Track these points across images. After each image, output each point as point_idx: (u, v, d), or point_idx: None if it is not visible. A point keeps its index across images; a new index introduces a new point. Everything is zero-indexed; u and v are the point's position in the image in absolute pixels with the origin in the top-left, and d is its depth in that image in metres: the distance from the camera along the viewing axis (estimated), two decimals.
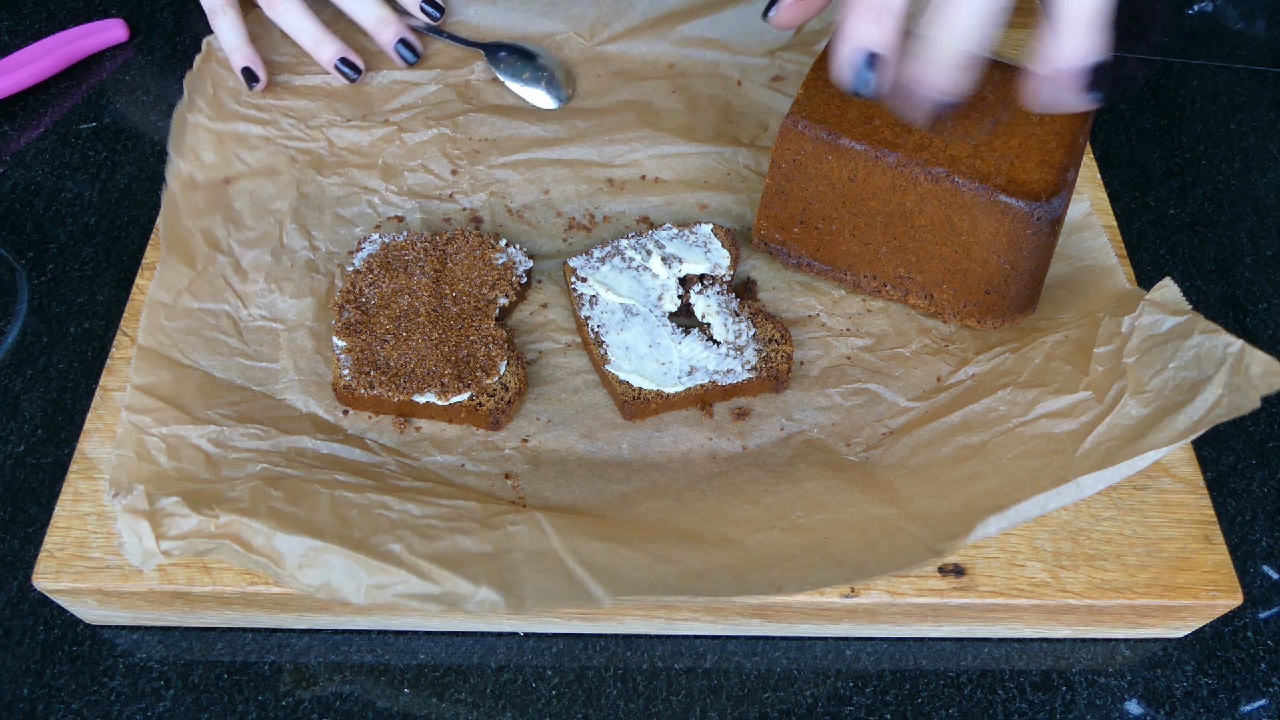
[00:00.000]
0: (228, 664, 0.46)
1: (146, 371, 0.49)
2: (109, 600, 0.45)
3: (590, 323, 0.51)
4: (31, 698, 0.45)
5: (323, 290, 0.54)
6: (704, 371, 0.50)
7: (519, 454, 0.49)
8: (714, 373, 0.49)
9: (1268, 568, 0.51)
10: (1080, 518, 0.47)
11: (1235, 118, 0.70)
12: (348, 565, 0.42)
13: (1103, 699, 0.46)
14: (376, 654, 0.47)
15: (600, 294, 0.52)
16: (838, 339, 0.54)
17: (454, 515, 0.45)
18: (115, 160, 0.64)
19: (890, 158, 0.49)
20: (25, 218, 0.61)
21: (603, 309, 0.52)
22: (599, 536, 0.44)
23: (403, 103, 0.64)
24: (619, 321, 0.51)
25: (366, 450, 0.49)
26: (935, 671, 0.47)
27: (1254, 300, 0.60)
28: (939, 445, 0.48)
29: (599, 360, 0.50)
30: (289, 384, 0.51)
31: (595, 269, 0.53)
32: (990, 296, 0.52)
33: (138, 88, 0.68)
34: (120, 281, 0.58)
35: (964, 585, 0.45)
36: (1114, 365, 0.47)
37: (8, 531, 0.49)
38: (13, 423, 0.53)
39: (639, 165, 0.61)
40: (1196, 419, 0.44)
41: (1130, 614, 0.46)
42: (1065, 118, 0.50)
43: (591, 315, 0.51)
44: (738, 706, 0.46)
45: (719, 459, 0.49)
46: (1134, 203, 0.65)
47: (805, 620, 0.46)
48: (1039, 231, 0.48)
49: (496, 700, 0.46)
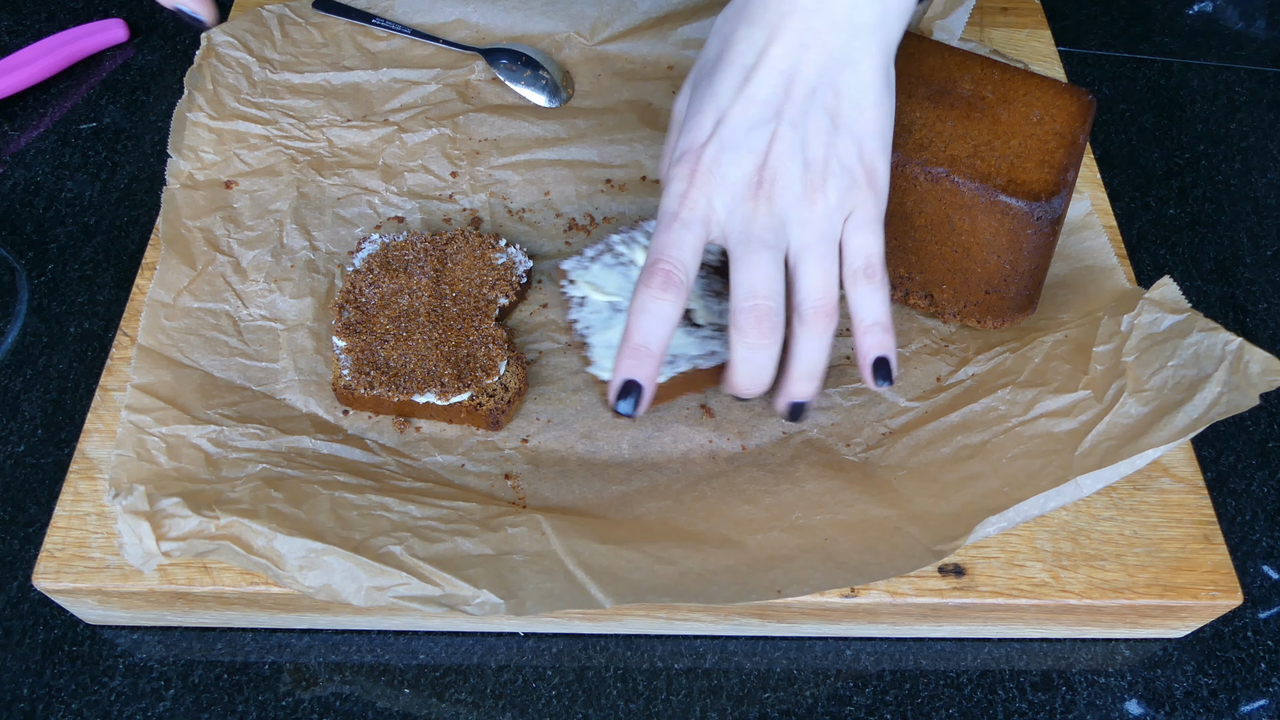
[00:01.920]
0: (228, 664, 0.46)
1: (146, 371, 0.49)
2: (109, 600, 0.45)
3: (577, 325, 0.51)
4: (31, 698, 0.45)
5: (323, 290, 0.54)
6: (685, 359, 0.49)
7: (519, 454, 0.49)
8: (695, 358, 0.49)
9: (1268, 568, 0.51)
10: (1080, 518, 0.47)
11: (1235, 118, 0.70)
12: (348, 567, 0.42)
13: (1103, 699, 0.46)
14: (376, 654, 0.47)
15: (589, 295, 0.52)
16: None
17: (454, 517, 0.45)
18: (115, 160, 0.64)
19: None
20: (25, 218, 0.61)
21: (590, 310, 0.51)
22: (599, 538, 0.44)
23: (402, 102, 0.64)
24: (605, 320, 0.51)
25: (366, 450, 0.49)
26: (935, 671, 0.47)
27: (1254, 300, 0.60)
28: (939, 445, 0.48)
29: (584, 363, 0.50)
30: (289, 384, 0.51)
31: (585, 269, 0.53)
32: (990, 296, 0.52)
33: (138, 88, 0.68)
34: (120, 281, 0.58)
35: (964, 585, 0.45)
36: (1113, 364, 0.47)
37: (8, 531, 0.49)
38: (13, 423, 0.53)
39: (639, 165, 0.61)
40: (1196, 417, 0.44)
41: (1130, 614, 0.46)
42: (1065, 117, 0.50)
43: (579, 318, 0.51)
44: (738, 706, 0.46)
45: (719, 459, 0.49)
46: (1134, 203, 0.65)
47: (805, 620, 0.46)
48: (1039, 231, 0.48)
49: (496, 700, 0.46)
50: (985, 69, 0.52)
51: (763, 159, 0.43)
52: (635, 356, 0.44)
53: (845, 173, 0.44)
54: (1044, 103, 0.50)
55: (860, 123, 0.44)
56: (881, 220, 0.46)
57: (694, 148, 0.44)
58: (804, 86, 0.44)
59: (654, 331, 0.44)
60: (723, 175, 0.44)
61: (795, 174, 0.43)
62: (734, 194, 0.44)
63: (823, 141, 0.44)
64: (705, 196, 0.44)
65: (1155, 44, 0.75)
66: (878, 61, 0.45)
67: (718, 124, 0.44)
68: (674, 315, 0.44)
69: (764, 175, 0.43)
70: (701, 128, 0.45)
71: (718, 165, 0.44)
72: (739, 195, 0.44)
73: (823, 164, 0.44)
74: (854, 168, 0.44)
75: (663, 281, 0.43)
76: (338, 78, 0.64)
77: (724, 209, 0.44)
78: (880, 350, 0.46)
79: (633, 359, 0.44)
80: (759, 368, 0.45)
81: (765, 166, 0.43)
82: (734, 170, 0.44)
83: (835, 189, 0.44)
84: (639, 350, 0.44)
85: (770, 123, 0.44)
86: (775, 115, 0.44)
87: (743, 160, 0.44)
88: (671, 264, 0.43)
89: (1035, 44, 0.69)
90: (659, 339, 0.44)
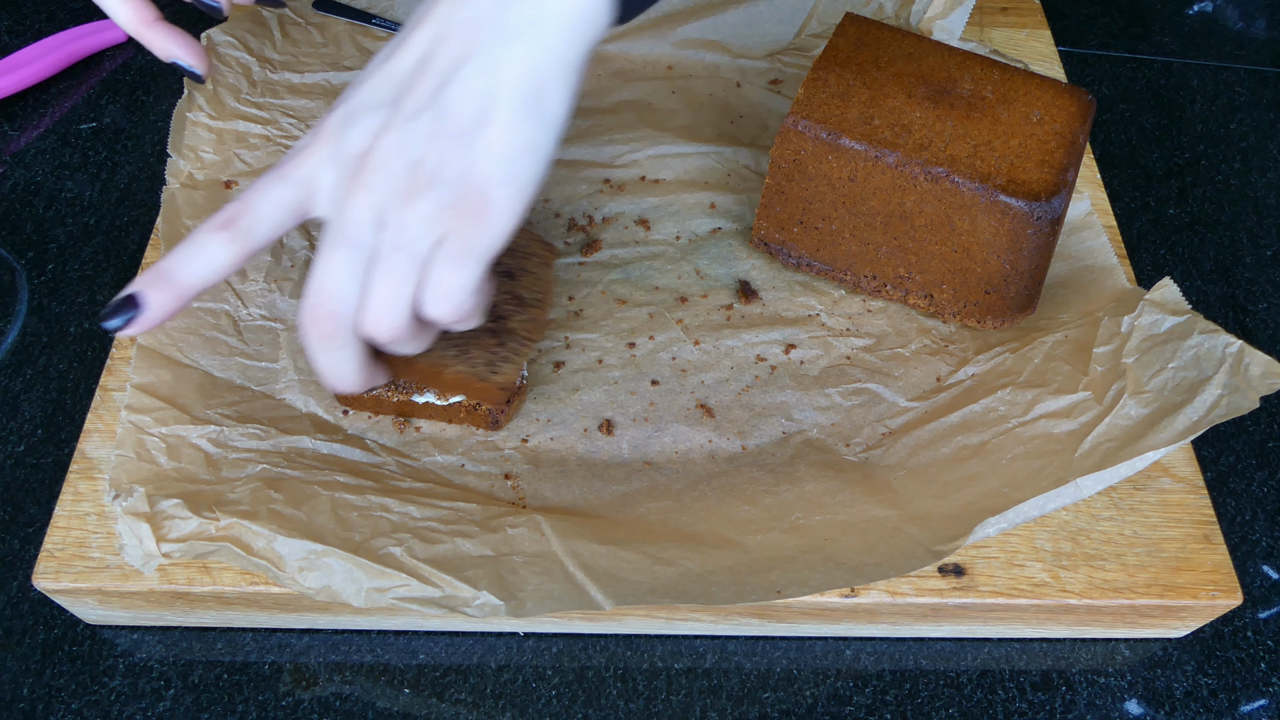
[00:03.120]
0: (228, 664, 0.46)
1: (146, 371, 0.49)
2: (109, 600, 0.45)
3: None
4: (31, 698, 0.45)
5: None
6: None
7: (519, 454, 0.49)
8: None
9: (1268, 568, 0.51)
10: (1080, 518, 0.47)
11: (1235, 118, 0.70)
12: (348, 569, 0.42)
13: (1103, 699, 0.46)
14: (376, 654, 0.47)
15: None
16: (838, 339, 0.54)
17: (454, 517, 0.45)
18: (115, 160, 0.64)
19: (890, 158, 0.49)
20: (25, 218, 0.61)
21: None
22: (599, 538, 0.44)
23: None
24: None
25: (366, 450, 0.49)
26: (935, 671, 0.47)
27: (1254, 300, 0.60)
28: (938, 445, 0.48)
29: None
30: (289, 384, 0.51)
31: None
32: (990, 296, 0.52)
33: (138, 88, 0.68)
34: (120, 281, 0.58)
35: (964, 585, 0.45)
36: (1113, 365, 0.47)
37: (8, 531, 0.49)
38: (13, 423, 0.53)
39: (638, 165, 0.61)
40: (1196, 419, 0.44)
41: (1130, 614, 0.46)
42: (1065, 117, 0.50)
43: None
44: (738, 706, 0.46)
45: (719, 459, 0.49)
46: (1134, 203, 0.65)
47: (805, 620, 0.46)
48: (1039, 231, 0.48)
49: (496, 700, 0.46)
50: (985, 69, 0.52)
51: (370, 143, 0.38)
52: (155, 275, 0.39)
53: (449, 188, 0.37)
54: (1044, 103, 0.50)
55: (483, 139, 0.37)
56: (482, 258, 0.39)
57: (334, 107, 0.40)
58: (431, 81, 0.38)
59: (190, 263, 0.39)
60: (337, 147, 0.39)
61: (398, 170, 0.38)
62: (340, 170, 0.39)
63: (431, 145, 0.38)
64: (318, 161, 0.39)
65: (1155, 44, 0.75)
66: (525, 73, 0.37)
67: (353, 90, 0.40)
68: (222, 258, 0.39)
69: (368, 161, 0.38)
70: (347, 93, 0.40)
71: (336, 136, 0.39)
72: (343, 173, 0.39)
73: (431, 170, 0.38)
74: (461, 187, 0.38)
75: (224, 221, 0.39)
76: (338, 78, 0.64)
77: (328, 182, 0.39)
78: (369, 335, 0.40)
79: (150, 276, 0.39)
80: (330, 368, 0.41)
81: (372, 152, 0.38)
82: (346, 146, 0.39)
83: (433, 202, 0.38)
84: (163, 273, 0.39)
85: (390, 106, 0.38)
86: (396, 100, 0.38)
87: (354, 138, 0.39)
88: (245, 208, 0.39)
89: (1035, 44, 0.69)
90: (193, 273, 0.39)
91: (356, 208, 0.38)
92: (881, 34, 0.53)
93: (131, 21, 0.50)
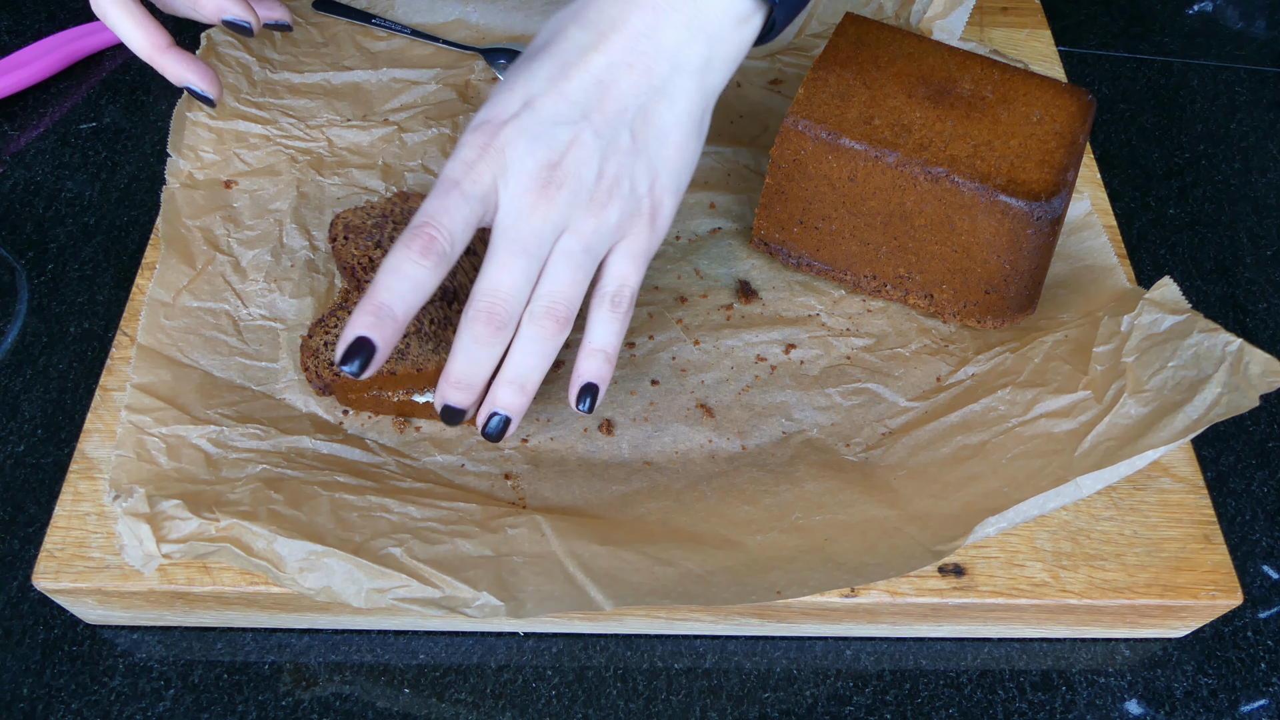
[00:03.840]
0: (228, 664, 0.46)
1: (146, 371, 0.49)
2: (109, 600, 0.45)
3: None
4: (31, 698, 0.45)
5: (322, 290, 0.54)
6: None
7: (519, 454, 0.49)
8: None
9: (1268, 568, 0.51)
10: (1080, 518, 0.47)
11: (1235, 118, 0.70)
12: (348, 569, 0.42)
13: (1103, 699, 0.46)
14: (376, 654, 0.47)
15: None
16: (838, 339, 0.54)
17: (454, 518, 0.45)
18: (115, 160, 0.64)
19: (890, 158, 0.49)
20: (25, 218, 0.61)
21: None
22: (599, 539, 0.44)
23: (402, 102, 0.63)
24: None
25: (366, 450, 0.49)
26: (935, 671, 0.47)
27: (1254, 300, 0.60)
28: (938, 445, 0.48)
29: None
30: (289, 384, 0.51)
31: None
32: (990, 296, 0.52)
33: (138, 88, 0.68)
34: (120, 281, 0.58)
35: (964, 585, 0.45)
36: (1113, 365, 0.47)
37: (8, 531, 0.49)
38: (13, 423, 0.53)
39: None
40: (1195, 418, 0.44)
41: (1130, 614, 0.46)
42: (1065, 117, 0.50)
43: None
44: (738, 706, 0.46)
45: (719, 459, 0.49)
46: (1134, 203, 0.65)
47: (805, 620, 0.46)
48: (1039, 231, 0.48)
49: (496, 700, 0.46)
50: (985, 69, 0.52)
51: (559, 157, 0.42)
52: (376, 314, 0.41)
53: (633, 198, 0.43)
54: (1044, 103, 0.50)
55: (661, 157, 0.44)
56: (648, 258, 0.45)
57: (494, 121, 0.42)
58: (617, 102, 0.42)
59: (402, 294, 0.41)
60: (515, 159, 0.42)
61: (586, 182, 0.42)
62: (520, 182, 0.42)
63: (621, 160, 0.43)
64: (491, 174, 0.42)
65: (1155, 44, 0.75)
66: (695, 103, 0.44)
67: (524, 105, 0.42)
68: (428, 284, 0.41)
69: (554, 175, 0.42)
70: (507, 104, 0.42)
71: (512, 147, 0.42)
72: (524, 185, 0.42)
73: (613, 181, 0.43)
74: (642, 197, 0.44)
75: (424, 245, 0.41)
76: (337, 77, 0.64)
77: (505, 194, 0.42)
78: (594, 378, 0.45)
79: (372, 315, 0.41)
80: (475, 364, 0.43)
81: (559, 166, 0.42)
82: (528, 158, 0.42)
83: (618, 210, 0.43)
84: (381, 309, 0.41)
85: (576, 124, 0.42)
86: (583, 118, 0.42)
87: (539, 151, 0.42)
88: (438, 230, 0.41)
89: (1035, 44, 0.69)
90: (406, 303, 0.41)
91: (540, 217, 0.42)
92: (881, 34, 0.53)
93: (145, 47, 0.50)
